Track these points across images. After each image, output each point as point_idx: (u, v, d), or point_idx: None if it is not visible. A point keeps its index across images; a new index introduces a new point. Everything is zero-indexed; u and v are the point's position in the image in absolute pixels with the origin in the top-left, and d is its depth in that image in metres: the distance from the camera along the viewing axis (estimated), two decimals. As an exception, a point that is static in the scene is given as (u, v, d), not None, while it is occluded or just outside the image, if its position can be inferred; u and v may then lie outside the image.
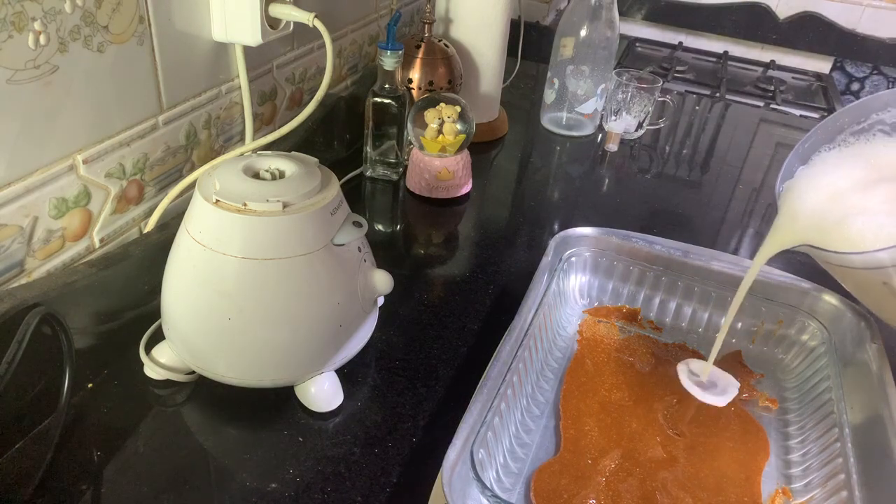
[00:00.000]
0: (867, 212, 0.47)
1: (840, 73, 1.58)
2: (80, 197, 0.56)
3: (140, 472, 0.49)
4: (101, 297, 0.56)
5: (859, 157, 0.51)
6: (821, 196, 0.50)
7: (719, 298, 0.65)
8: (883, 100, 0.50)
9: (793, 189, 0.52)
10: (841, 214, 0.48)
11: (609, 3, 1.02)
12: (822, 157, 0.52)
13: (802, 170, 0.53)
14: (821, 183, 0.51)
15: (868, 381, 0.53)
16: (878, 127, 0.51)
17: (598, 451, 0.52)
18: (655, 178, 1.02)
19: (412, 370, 0.61)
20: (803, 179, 0.52)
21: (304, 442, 0.53)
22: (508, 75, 1.13)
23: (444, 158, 0.85)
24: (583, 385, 0.59)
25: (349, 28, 0.96)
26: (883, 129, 0.51)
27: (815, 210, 0.50)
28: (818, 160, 0.52)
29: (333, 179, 0.54)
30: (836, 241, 0.47)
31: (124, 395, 0.55)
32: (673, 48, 1.64)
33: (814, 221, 0.49)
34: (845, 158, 0.51)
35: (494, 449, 0.49)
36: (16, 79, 0.48)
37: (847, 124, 0.52)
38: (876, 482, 0.46)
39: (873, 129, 0.51)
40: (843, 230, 0.47)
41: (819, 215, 0.49)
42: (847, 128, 0.52)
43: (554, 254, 0.64)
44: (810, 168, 0.52)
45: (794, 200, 0.51)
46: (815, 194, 0.50)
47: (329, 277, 0.52)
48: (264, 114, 0.80)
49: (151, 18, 0.59)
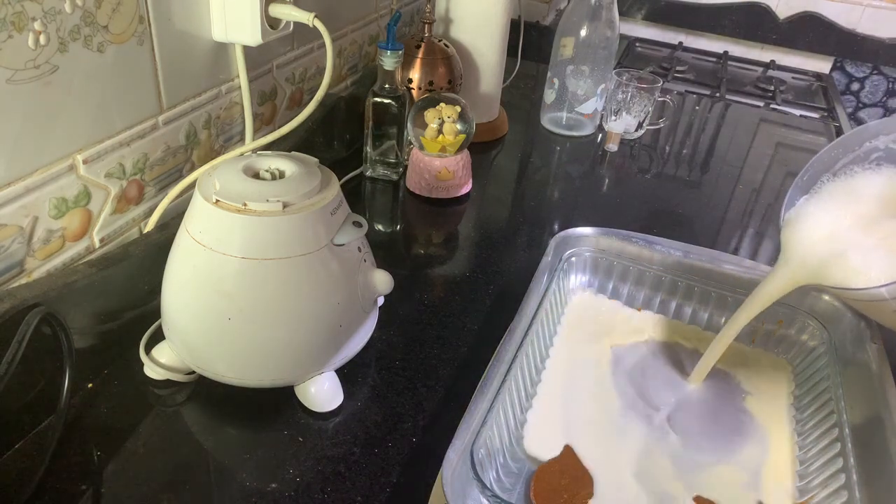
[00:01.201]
0: (868, 249, 0.49)
1: (840, 73, 1.58)
2: (80, 197, 0.56)
3: (140, 473, 0.49)
4: (101, 297, 0.56)
5: (854, 192, 0.52)
6: (822, 234, 0.51)
7: (719, 298, 0.65)
8: (872, 130, 0.52)
9: (795, 228, 0.53)
10: (842, 252, 0.49)
11: (609, 3, 1.02)
12: (822, 188, 0.54)
13: (803, 203, 0.54)
14: (821, 222, 0.52)
15: (868, 381, 0.53)
16: (874, 154, 0.52)
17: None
18: (655, 178, 1.02)
19: (412, 370, 0.61)
20: (804, 219, 0.53)
21: (304, 442, 0.53)
22: (508, 75, 1.13)
23: (444, 158, 0.85)
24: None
25: (349, 28, 0.96)
26: (879, 157, 0.52)
27: (818, 253, 0.51)
28: (818, 194, 0.54)
29: (333, 179, 0.54)
30: (840, 278, 0.49)
31: (124, 395, 0.55)
32: (673, 48, 1.64)
33: (817, 264, 0.51)
34: (841, 193, 0.53)
35: (494, 449, 0.49)
36: (16, 79, 0.48)
37: (842, 154, 0.53)
38: (876, 482, 0.46)
39: (869, 157, 0.52)
40: (845, 269, 0.49)
41: (822, 257, 0.51)
42: (842, 157, 0.53)
43: (554, 254, 0.64)
44: (810, 203, 0.54)
45: (798, 245, 0.52)
46: (816, 234, 0.52)
47: (329, 277, 0.52)
48: (264, 114, 0.80)
49: (151, 18, 0.59)
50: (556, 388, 0.57)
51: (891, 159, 0.52)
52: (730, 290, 0.65)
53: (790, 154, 1.15)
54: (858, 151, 0.52)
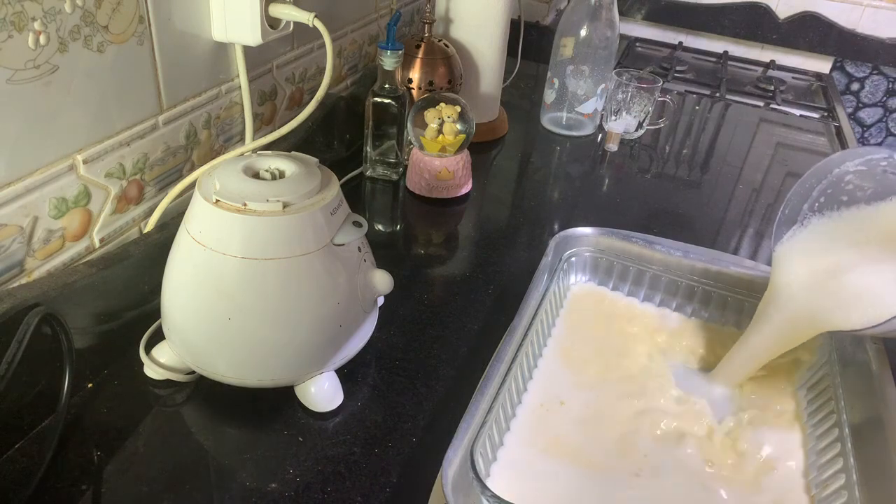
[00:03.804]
0: (858, 291, 0.51)
1: (840, 73, 1.58)
2: (80, 197, 0.56)
3: (140, 472, 0.49)
4: (101, 297, 0.56)
5: (836, 231, 0.55)
6: (810, 281, 0.54)
7: (719, 299, 0.65)
8: (836, 160, 0.54)
9: (782, 276, 0.55)
10: (833, 299, 0.52)
11: (609, 3, 1.02)
12: (806, 226, 0.56)
13: (787, 244, 0.56)
14: (815, 268, 0.54)
15: (868, 381, 0.53)
16: (845, 179, 0.55)
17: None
18: (655, 178, 1.02)
19: (412, 370, 0.61)
20: (786, 264, 0.56)
21: (304, 442, 0.53)
22: (508, 75, 1.13)
23: (444, 158, 0.85)
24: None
25: (349, 28, 0.96)
26: (851, 184, 0.55)
27: (812, 306, 0.53)
28: (801, 233, 0.56)
29: (333, 179, 0.54)
30: (838, 323, 0.51)
31: (124, 395, 0.55)
32: (673, 48, 1.64)
33: (811, 315, 0.53)
34: (825, 232, 0.55)
35: (494, 449, 0.49)
36: (16, 79, 0.48)
37: (816, 182, 0.56)
38: (876, 482, 0.46)
39: (840, 182, 0.55)
40: (839, 315, 0.51)
41: (814, 308, 0.53)
42: (817, 184, 0.56)
43: (554, 254, 0.64)
44: (795, 241, 0.56)
45: (790, 301, 0.54)
46: (806, 280, 0.54)
47: (329, 277, 0.52)
48: (264, 114, 0.80)
49: (151, 18, 0.59)
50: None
51: (864, 188, 0.54)
52: (730, 290, 0.65)
53: (790, 154, 1.15)
54: (830, 177, 0.55)
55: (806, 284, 0.54)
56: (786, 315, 0.54)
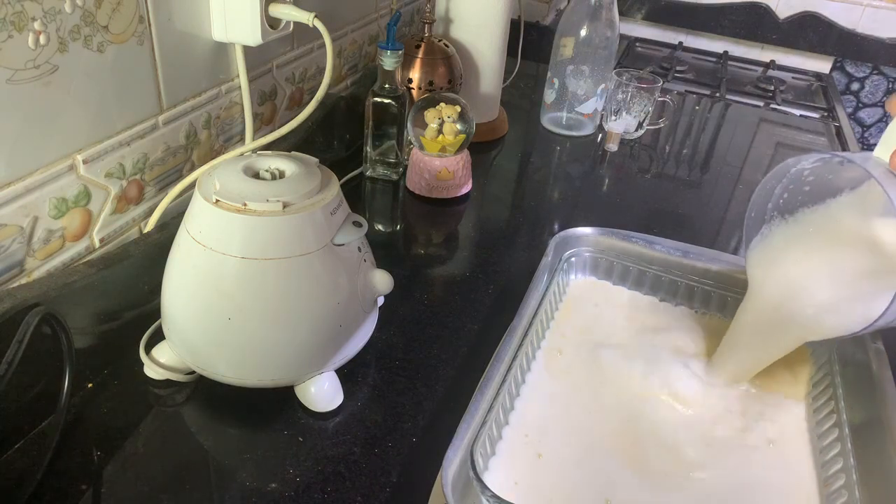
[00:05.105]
0: (833, 304, 0.52)
1: (840, 73, 1.58)
2: (80, 197, 0.56)
3: (140, 472, 0.49)
4: (101, 297, 0.56)
5: (798, 233, 0.56)
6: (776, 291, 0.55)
7: (719, 299, 0.65)
8: (791, 162, 0.55)
9: (753, 282, 0.57)
10: (812, 312, 0.53)
11: (609, 3, 1.02)
12: (772, 229, 0.57)
13: (756, 251, 0.58)
14: (779, 277, 0.55)
15: (868, 381, 0.53)
16: (804, 173, 0.55)
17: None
18: (655, 177, 1.02)
19: (412, 370, 0.61)
20: (756, 269, 0.57)
21: (304, 442, 0.53)
22: (508, 75, 1.13)
23: (444, 158, 0.85)
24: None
25: (349, 28, 0.96)
26: (808, 184, 0.55)
27: (781, 315, 0.54)
28: (766, 238, 0.58)
29: (333, 179, 0.54)
30: (825, 332, 0.53)
31: (124, 395, 0.55)
32: (673, 48, 1.64)
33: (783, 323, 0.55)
34: (789, 236, 0.56)
35: (493, 443, 0.49)
36: (16, 79, 0.48)
37: (776, 182, 0.56)
38: (876, 482, 0.46)
39: (801, 175, 0.55)
40: (822, 325, 0.53)
41: (784, 317, 0.54)
42: (777, 184, 0.56)
43: (554, 254, 0.64)
44: (761, 248, 0.58)
45: (763, 313, 0.56)
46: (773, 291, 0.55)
47: (329, 277, 0.52)
48: (264, 114, 0.80)
49: (151, 18, 0.59)
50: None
51: (819, 185, 0.55)
52: (730, 290, 0.65)
53: (790, 154, 1.14)
54: (790, 175, 0.56)
55: (774, 294, 0.55)
56: (762, 320, 0.56)
